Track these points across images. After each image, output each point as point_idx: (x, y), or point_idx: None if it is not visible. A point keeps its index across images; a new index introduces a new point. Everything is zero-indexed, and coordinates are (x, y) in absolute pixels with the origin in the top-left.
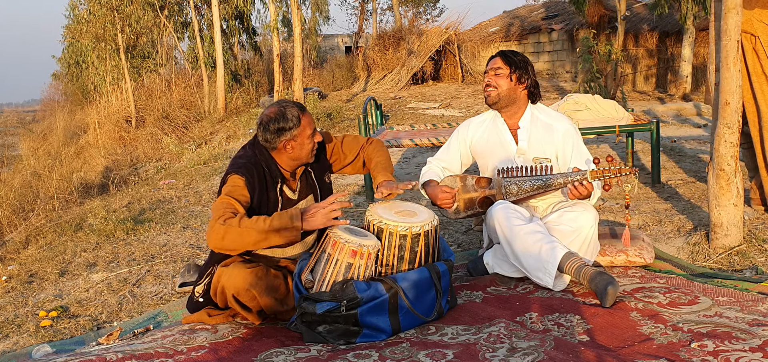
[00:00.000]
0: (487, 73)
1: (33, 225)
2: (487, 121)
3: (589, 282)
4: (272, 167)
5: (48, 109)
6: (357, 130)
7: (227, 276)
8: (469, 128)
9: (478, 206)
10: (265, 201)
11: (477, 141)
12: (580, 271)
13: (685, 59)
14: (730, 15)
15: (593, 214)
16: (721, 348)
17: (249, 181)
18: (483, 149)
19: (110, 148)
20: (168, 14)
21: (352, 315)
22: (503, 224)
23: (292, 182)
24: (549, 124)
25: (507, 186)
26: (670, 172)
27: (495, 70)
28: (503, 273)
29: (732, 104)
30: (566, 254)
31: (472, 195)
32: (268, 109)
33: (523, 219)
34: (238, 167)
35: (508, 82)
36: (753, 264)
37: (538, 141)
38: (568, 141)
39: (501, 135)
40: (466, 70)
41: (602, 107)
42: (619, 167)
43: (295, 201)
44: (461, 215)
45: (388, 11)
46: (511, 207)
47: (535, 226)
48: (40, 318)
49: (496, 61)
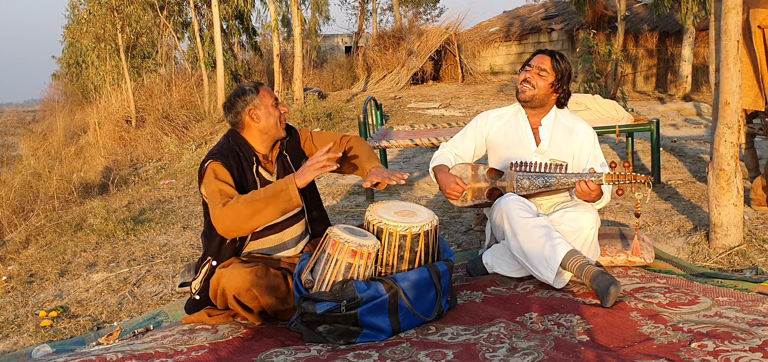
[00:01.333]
0: (529, 67)
1: (33, 225)
2: (508, 115)
3: (590, 281)
4: (245, 149)
5: (48, 109)
6: (357, 130)
7: (227, 277)
8: (488, 120)
9: (486, 197)
10: (244, 183)
11: (494, 134)
12: (583, 269)
13: (685, 59)
14: (730, 15)
15: (594, 216)
16: (721, 348)
17: (225, 163)
18: (499, 143)
19: (110, 148)
20: (168, 14)
21: (352, 315)
22: (511, 215)
23: (268, 164)
24: (570, 127)
25: (519, 180)
26: (670, 172)
27: (540, 69)
28: (503, 272)
29: (732, 104)
30: (570, 251)
31: (481, 185)
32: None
33: (530, 213)
34: (212, 154)
35: (547, 87)
36: (753, 264)
37: (557, 143)
38: (587, 145)
39: (521, 132)
40: (466, 70)
41: (602, 107)
42: (635, 174)
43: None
44: (467, 204)
45: (388, 11)
46: (520, 199)
47: (541, 221)
48: (40, 318)
49: (545, 62)
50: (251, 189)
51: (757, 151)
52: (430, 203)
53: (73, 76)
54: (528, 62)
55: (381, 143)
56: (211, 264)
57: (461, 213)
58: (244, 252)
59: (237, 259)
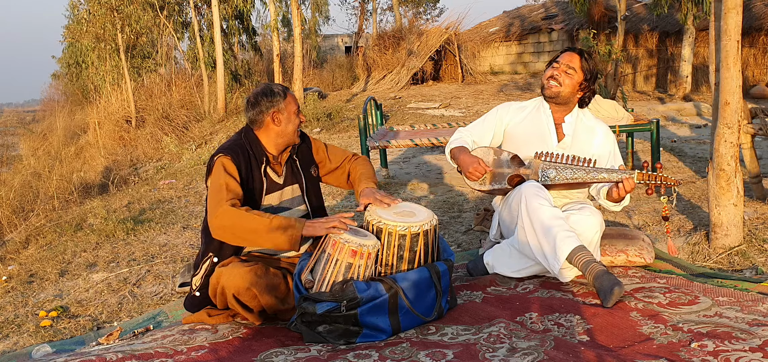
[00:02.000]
0: (557, 64)
1: (33, 225)
2: (529, 108)
3: (594, 280)
4: (257, 148)
5: (48, 109)
6: (357, 130)
7: (227, 276)
8: (509, 111)
9: (507, 183)
10: (251, 181)
11: (514, 126)
12: (588, 266)
13: (685, 59)
14: (730, 15)
15: (599, 220)
16: (721, 348)
17: (235, 159)
18: (518, 135)
19: (110, 148)
20: (168, 14)
21: (352, 315)
22: (530, 199)
23: (277, 166)
24: (592, 127)
25: (545, 169)
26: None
27: (568, 67)
28: (503, 272)
29: (732, 104)
30: (579, 246)
31: (503, 171)
32: (255, 88)
33: (548, 202)
34: (223, 149)
35: (575, 86)
36: (753, 264)
37: (579, 140)
38: (607, 145)
39: (543, 126)
40: (466, 70)
41: (602, 107)
42: (666, 176)
43: (281, 185)
44: (485, 188)
45: (388, 11)
46: (540, 187)
47: (556, 212)
48: (40, 318)
49: (574, 60)
50: (257, 189)
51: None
52: (429, 204)
53: (73, 76)
54: (555, 59)
55: (381, 143)
56: (213, 261)
57: (461, 213)
58: (244, 251)
59: (237, 258)
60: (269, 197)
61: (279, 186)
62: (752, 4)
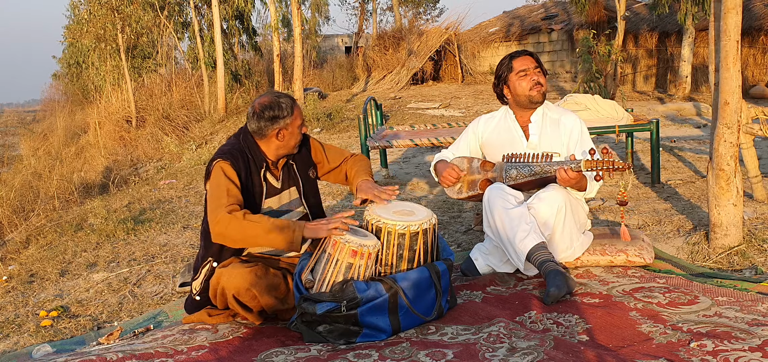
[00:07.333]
0: (528, 71)
1: (33, 225)
2: (498, 117)
3: (545, 277)
4: (256, 154)
5: (48, 109)
6: (357, 130)
7: (227, 276)
8: (480, 123)
9: (479, 188)
10: (250, 185)
11: (488, 136)
12: (542, 266)
13: (684, 59)
14: (729, 15)
15: (561, 195)
16: (721, 347)
17: (234, 164)
18: (493, 144)
19: (110, 148)
20: (168, 14)
21: (352, 315)
22: (492, 203)
23: (275, 170)
24: (557, 119)
25: (508, 170)
26: (670, 172)
27: (535, 69)
28: (492, 265)
29: (732, 104)
30: (536, 246)
31: (475, 177)
32: (261, 98)
33: (510, 202)
34: (222, 153)
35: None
36: (752, 264)
37: (547, 137)
38: (574, 133)
39: (512, 131)
40: (466, 70)
41: (602, 107)
42: (613, 160)
43: (279, 189)
44: (463, 195)
45: (388, 11)
46: (504, 188)
47: (519, 210)
48: (41, 317)
49: (533, 61)
50: (256, 193)
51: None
52: (429, 203)
53: (74, 76)
54: (521, 69)
55: (381, 143)
56: (212, 265)
57: (461, 213)
58: (244, 252)
59: (237, 259)
60: (269, 201)
61: (277, 190)
62: (752, 4)
